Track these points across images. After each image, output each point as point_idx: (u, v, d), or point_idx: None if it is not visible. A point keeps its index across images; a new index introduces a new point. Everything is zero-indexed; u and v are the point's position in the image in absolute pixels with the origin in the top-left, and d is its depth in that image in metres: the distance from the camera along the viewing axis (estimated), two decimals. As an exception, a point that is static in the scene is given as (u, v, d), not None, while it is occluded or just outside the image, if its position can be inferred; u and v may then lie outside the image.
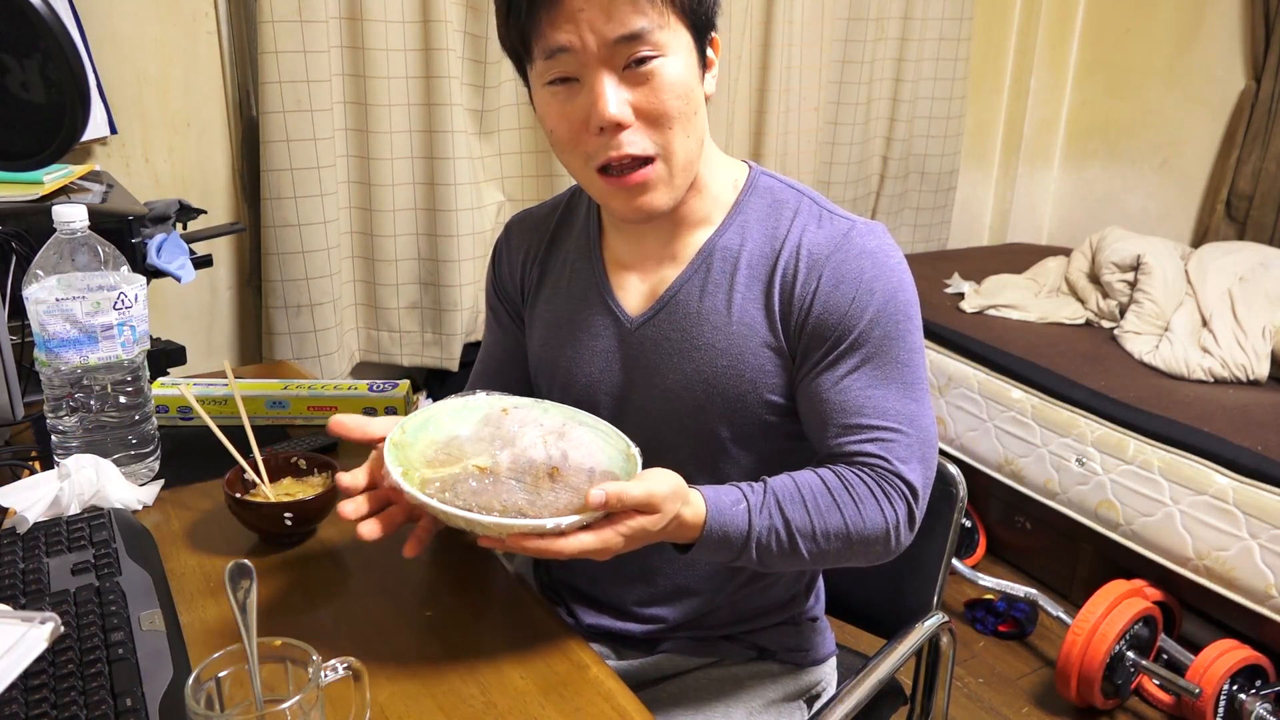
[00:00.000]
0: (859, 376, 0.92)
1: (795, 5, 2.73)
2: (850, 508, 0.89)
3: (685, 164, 0.92)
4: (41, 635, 0.76)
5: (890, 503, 0.90)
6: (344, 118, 2.23)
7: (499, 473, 0.81)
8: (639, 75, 0.87)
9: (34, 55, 1.11)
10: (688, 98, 0.89)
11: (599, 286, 1.03)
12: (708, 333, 0.96)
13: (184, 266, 1.52)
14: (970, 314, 2.64)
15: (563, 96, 0.89)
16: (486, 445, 0.85)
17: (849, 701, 1.01)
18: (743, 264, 0.96)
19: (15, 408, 1.12)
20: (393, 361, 2.46)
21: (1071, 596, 2.31)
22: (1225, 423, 2.02)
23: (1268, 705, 1.83)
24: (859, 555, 0.92)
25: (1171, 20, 3.04)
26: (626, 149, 0.88)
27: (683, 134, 0.90)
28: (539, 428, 0.87)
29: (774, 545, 0.88)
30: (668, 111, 0.88)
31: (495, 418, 0.89)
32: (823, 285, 0.92)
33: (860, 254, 0.93)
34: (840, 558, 0.92)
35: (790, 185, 1.00)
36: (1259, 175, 2.83)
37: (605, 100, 0.86)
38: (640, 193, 0.92)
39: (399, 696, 0.79)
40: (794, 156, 2.90)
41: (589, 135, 0.89)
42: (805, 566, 0.92)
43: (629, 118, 0.87)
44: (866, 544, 0.91)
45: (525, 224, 1.12)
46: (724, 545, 0.87)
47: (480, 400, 0.92)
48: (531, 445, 0.84)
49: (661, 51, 0.87)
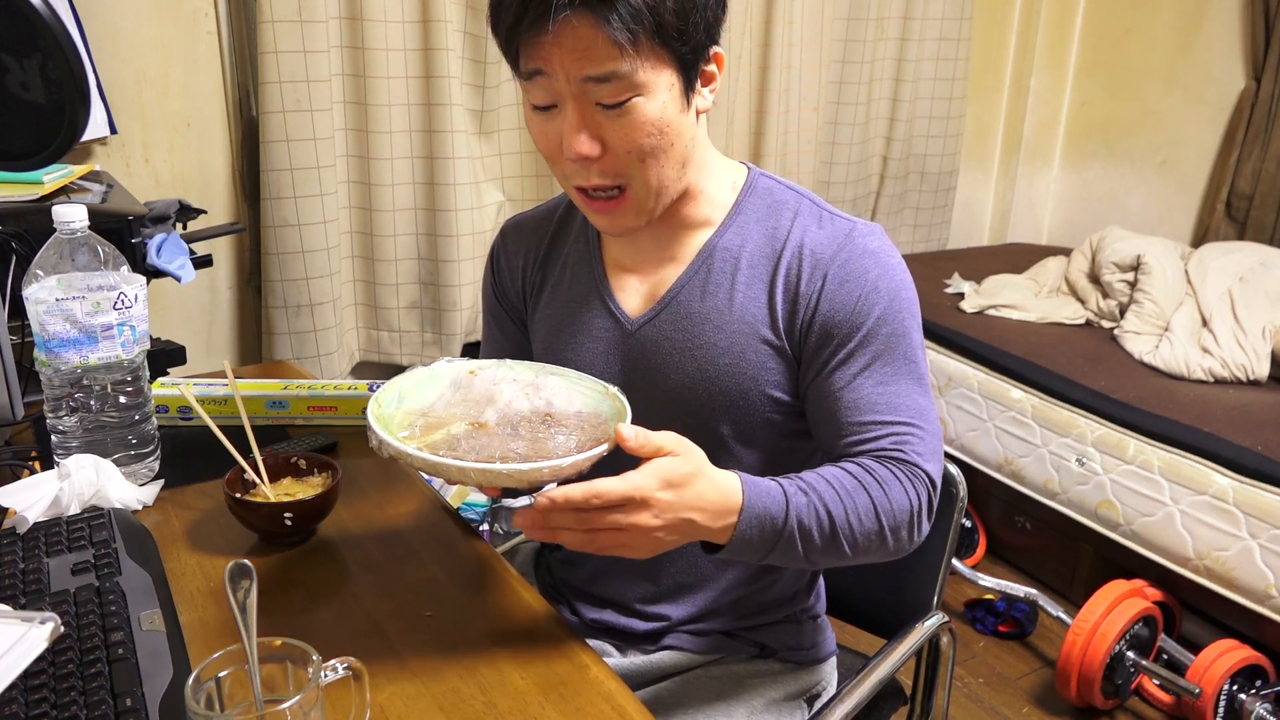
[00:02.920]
0: (870, 374, 0.92)
1: (795, 5, 2.73)
2: (876, 489, 0.88)
3: (658, 190, 0.93)
4: (41, 635, 0.76)
5: (913, 485, 0.90)
6: (344, 118, 2.23)
7: (489, 427, 0.81)
8: (615, 112, 0.87)
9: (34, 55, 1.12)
10: (663, 133, 0.89)
11: (599, 288, 1.03)
12: (709, 331, 0.97)
13: (184, 266, 1.53)
14: (970, 314, 2.64)
15: (543, 116, 0.91)
16: (465, 407, 0.85)
17: (849, 701, 1.01)
18: (743, 263, 0.97)
19: (15, 408, 1.12)
20: (393, 361, 2.46)
21: (1071, 596, 2.31)
22: (1225, 423, 2.02)
23: (1268, 705, 1.83)
24: (888, 541, 0.90)
25: (1171, 20, 3.04)
26: (596, 179, 0.90)
27: (656, 166, 0.91)
28: (513, 383, 0.87)
29: (814, 527, 0.85)
30: (639, 147, 0.89)
31: (464, 381, 0.89)
32: (828, 284, 0.93)
33: (864, 254, 0.94)
34: (871, 544, 0.89)
35: (788, 186, 1.01)
36: (1259, 175, 2.83)
37: (572, 137, 0.88)
38: (613, 213, 0.94)
39: (399, 696, 0.79)
40: (794, 156, 2.90)
41: (564, 159, 0.90)
42: (842, 555, 0.88)
43: (596, 152, 0.88)
44: (895, 527, 0.89)
45: (522, 228, 1.13)
46: (764, 525, 0.83)
47: (443, 367, 0.91)
48: (514, 399, 0.84)
49: (638, 91, 0.86)
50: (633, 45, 0.83)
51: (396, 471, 1.18)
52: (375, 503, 1.10)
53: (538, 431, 0.80)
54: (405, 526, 1.06)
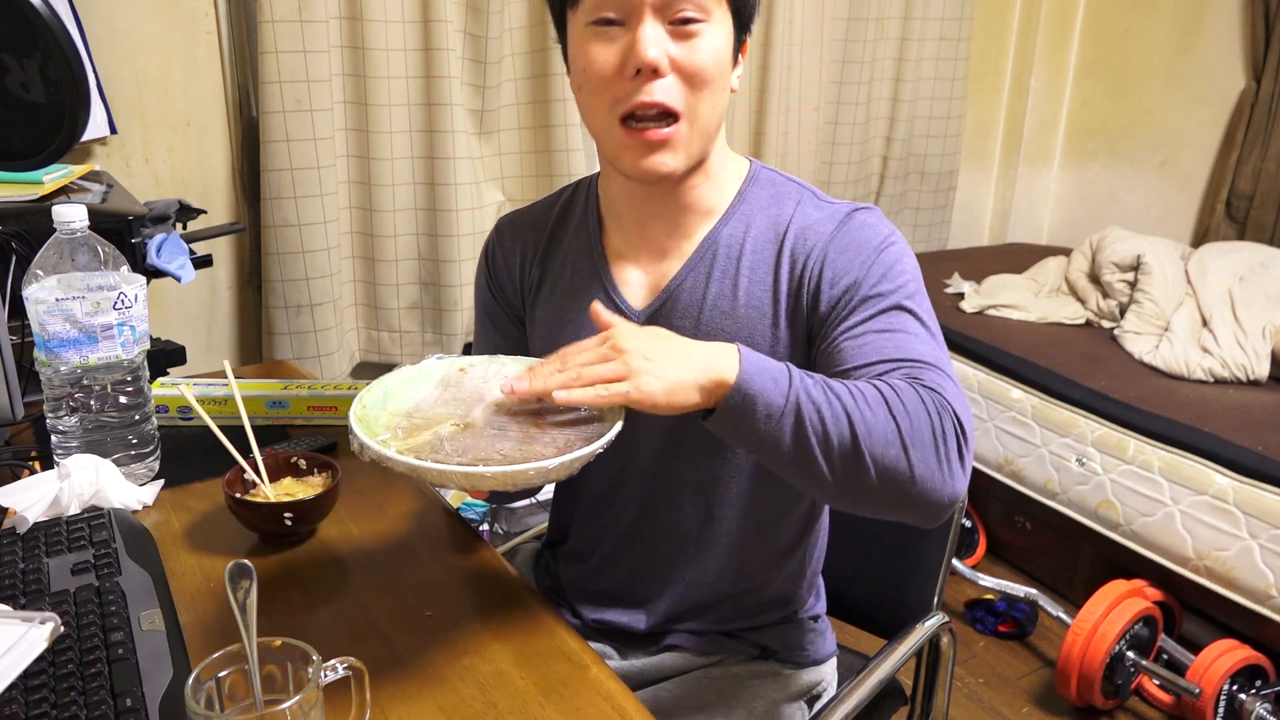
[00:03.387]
0: (876, 323, 0.89)
1: (795, 5, 2.73)
2: (886, 389, 0.79)
3: (706, 131, 0.93)
4: (41, 635, 0.76)
5: (933, 403, 0.79)
6: (344, 117, 2.23)
7: (476, 427, 0.80)
8: (683, 32, 0.88)
9: (34, 55, 1.12)
10: (723, 69, 0.91)
11: (602, 281, 1.03)
12: (717, 318, 0.97)
13: (184, 266, 1.52)
14: (970, 314, 2.64)
15: (604, 37, 0.90)
16: (454, 406, 0.83)
17: (849, 702, 1.01)
18: (747, 250, 0.97)
19: (15, 408, 1.12)
20: (393, 362, 2.46)
21: (1071, 596, 2.31)
22: (1225, 423, 2.02)
23: (1268, 705, 1.83)
24: (910, 452, 0.77)
25: (1171, 20, 3.04)
26: (658, 96, 0.89)
27: (711, 101, 0.91)
28: (503, 379, 0.85)
29: (823, 403, 0.76)
30: (704, 72, 0.89)
31: (454, 379, 0.88)
32: (830, 253, 0.93)
33: (862, 225, 0.95)
34: (890, 448, 0.76)
35: (791, 179, 1.02)
36: (1259, 175, 2.83)
37: (646, 43, 0.87)
38: (657, 149, 0.91)
39: (399, 696, 0.79)
40: (794, 156, 2.90)
41: (622, 80, 0.89)
42: (860, 457, 0.76)
43: (666, 67, 0.88)
44: (915, 438, 0.77)
45: (518, 225, 1.11)
46: (767, 381, 0.77)
47: (433, 365, 0.90)
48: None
49: (708, 18, 0.89)
50: None
51: (397, 472, 1.18)
52: (375, 503, 1.10)
53: (528, 430, 0.78)
54: (405, 526, 1.06)
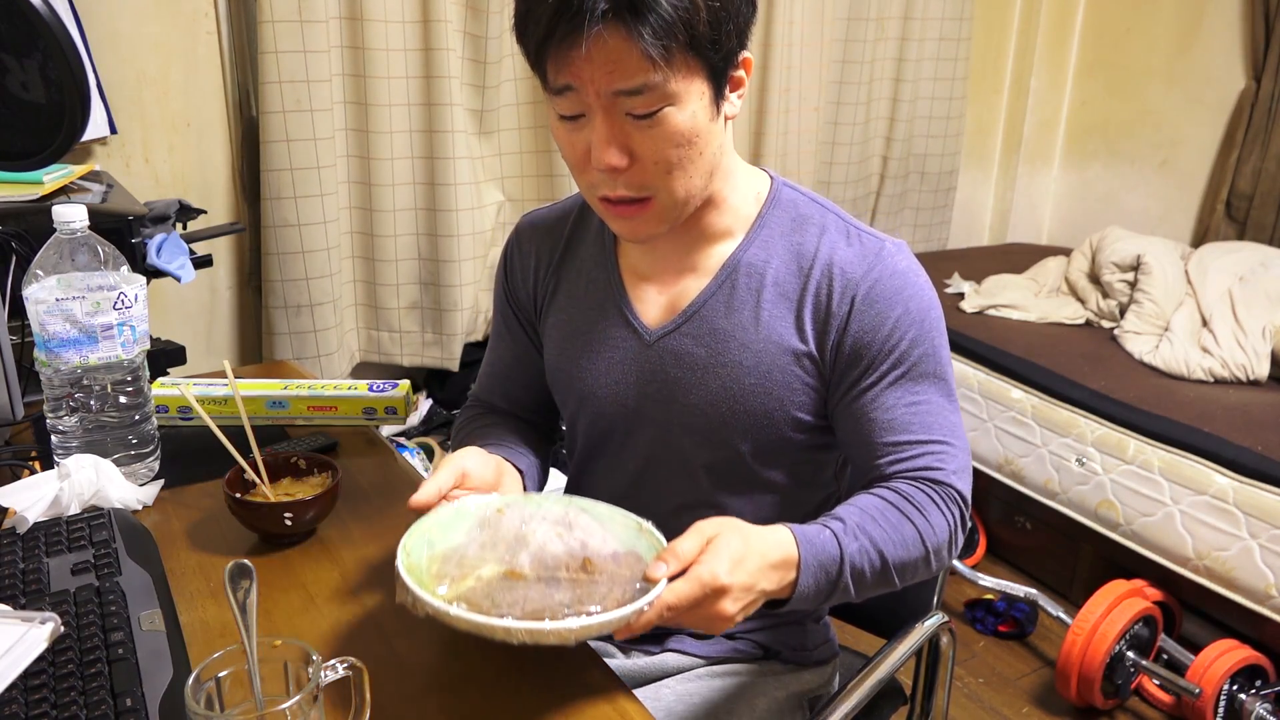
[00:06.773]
0: (902, 394, 0.93)
1: (795, 5, 2.73)
2: (918, 517, 0.90)
3: (684, 199, 0.92)
4: (41, 635, 0.76)
5: (949, 506, 0.93)
6: (344, 118, 2.23)
7: (526, 578, 0.78)
8: (644, 124, 0.86)
9: (34, 55, 1.12)
10: (692, 142, 0.88)
11: (616, 297, 1.02)
12: (735, 350, 0.96)
13: (184, 266, 1.53)
14: (970, 314, 2.64)
15: (570, 126, 0.89)
16: (495, 550, 0.82)
17: (849, 701, 1.01)
18: (769, 281, 0.96)
19: (15, 408, 1.12)
20: (393, 361, 2.46)
21: (1071, 596, 2.31)
22: (1225, 423, 2.02)
23: (1268, 705, 1.83)
24: (931, 564, 0.93)
25: (1171, 20, 3.05)
26: (622, 190, 0.89)
27: (683, 176, 0.89)
28: (543, 521, 0.85)
29: (866, 567, 0.87)
30: (667, 159, 0.87)
31: (492, 519, 0.86)
32: (858, 305, 0.93)
33: (894, 274, 0.94)
34: (918, 571, 0.92)
35: (813, 199, 1.00)
36: (1259, 175, 2.83)
37: (602, 149, 0.86)
38: (636, 221, 0.92)
39: (399, 697, 0.79)
40: (794, 156, 2.90)
41: (591, 168, 0.89)
42: (891, 586, 0.91)
43: (625, 164, 0.87)
44: (937, 549, 0.92)
45: (538, 229, 1.10)
46: (821, 571, 0.85)
47: (470, 504, 0.88)
48: (547, 541, 0.82)
49: (669, 101, 0.84)
50: (665, 57, 0.81)
51: (396, 472, 1.18)
52: (375, 503, 1.10)
53: (578, 579, 0.78)
54: (405, 526, 1.06)
